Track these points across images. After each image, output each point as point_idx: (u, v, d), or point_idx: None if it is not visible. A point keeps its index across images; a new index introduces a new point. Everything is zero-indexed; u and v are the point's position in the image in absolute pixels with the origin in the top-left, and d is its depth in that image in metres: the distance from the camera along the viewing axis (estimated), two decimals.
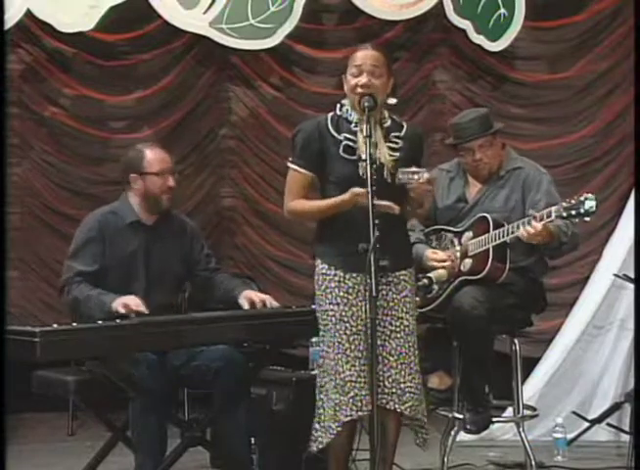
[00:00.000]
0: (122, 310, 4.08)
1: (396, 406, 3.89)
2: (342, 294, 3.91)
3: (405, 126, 4.03)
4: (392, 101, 3.96)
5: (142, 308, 4.13)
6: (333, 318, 3.90)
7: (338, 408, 3.86)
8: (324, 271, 3.96)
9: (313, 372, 4.70)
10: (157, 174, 4.42)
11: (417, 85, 6.59)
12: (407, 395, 3.91)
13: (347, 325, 3.88)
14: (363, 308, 3.83)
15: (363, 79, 3.87)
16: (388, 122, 3.99)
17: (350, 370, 3.86)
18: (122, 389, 4.16)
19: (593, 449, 5.28)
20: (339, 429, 3.87)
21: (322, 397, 3.93)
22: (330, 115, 3.99)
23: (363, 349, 3.85)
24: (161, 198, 4.43)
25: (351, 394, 3.85)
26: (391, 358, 3.90)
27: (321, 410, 3.92)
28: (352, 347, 3.87)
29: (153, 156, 4.45)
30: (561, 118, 6.62)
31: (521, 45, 6.55)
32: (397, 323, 3.92)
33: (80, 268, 4.31)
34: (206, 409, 4.60)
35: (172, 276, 4.49)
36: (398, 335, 3.91)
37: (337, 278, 3.92)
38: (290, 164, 4.04)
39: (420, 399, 3.96)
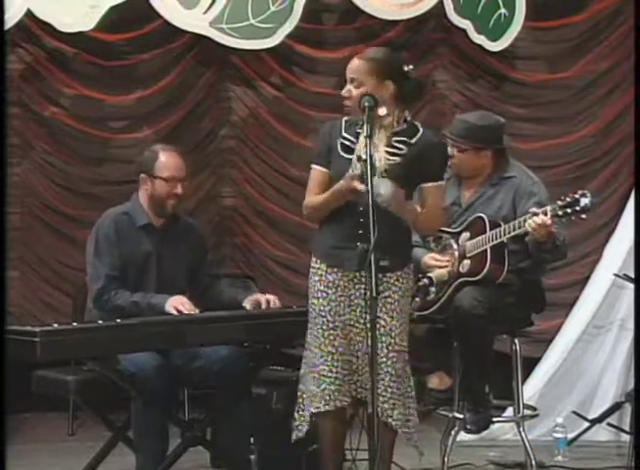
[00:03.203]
0: (176, 313, 4.19)
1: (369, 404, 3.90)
2: (322, 288, 3.96)
3: (420, 133, 3.98)
4: (382, 111, 3.92)
5: (193, 311, 4.21)
6: (313, 312, 3.97)
7: (313, 399, 3.93)
8: (312, 264, 4.03)
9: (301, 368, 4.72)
10: (165, 180, 4.41)
11: None
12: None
13: (324, 320, 3.93)
14: (342, 304, 3.92)
15: (344, 90, 3.95)
16: (402, 127, 3.96)
17: (323, 364, 3.91)
18: (123, 389, 4.16)
19: (593, 449, 5.28)
20: (312, 419, 3.94)
21: (301, 387, 4.00)
22: (346, 117, 4.02)
23: (339, 344, 3.91)
24: (166, 203, 4.44)
25: (322, 387, 3.91)
26: (366, 357, 3.89)
27: (300, 400, 3.99)
28: (327, 342, 3.92)
29: (166, 160, 4.44)
30: (561, 118, 6.62)
31: (521, 45, 6.54)
32: None
33: (110, 272, 4.33)
34: (206, 409, 4.61)
35: (180, 279, 4.50)
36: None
37: (320, 272, 3.98)
38: (311, 165, 4.09)
39: (391, 401, 3.92)
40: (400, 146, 3.93)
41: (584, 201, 4.19)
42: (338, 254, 3.89)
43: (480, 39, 6.41)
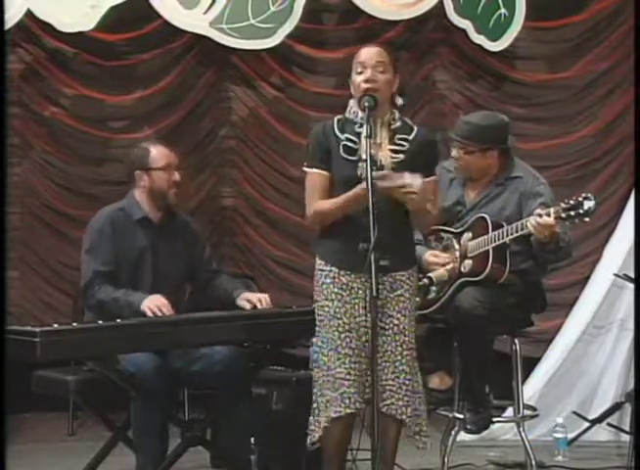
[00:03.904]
0: (150, 314, 4.16)
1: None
2: (336, 290, 3.93)
3: (416, 130, 4.00)
4: (400, 101, 3.95)
5: (168, 312, 4.19)
6: (327, 315, 3.94)
7: (329, 404, 3.89)
8: (321, 267, 3.99)
9: (313, 372, 4.71)
10: (162, 169, 4.49)
11: (417, 85, 6.58)
12: (387, 393, 3.90)
13: (340, 322, 3.91)
14: (357, 306, 3.90)
15: (367, 74, 3.87)
16: (398, 124, 3.97)
17: (340, 367, 3.89)
18: (123, 389, 4.16)
19: (593, 449, 5.28)
20: (326, 425, 3.90)
21: (316, 391, 3.96)
22: (338, 117, 4.01)
23: (355, 346, 3.89)
24: (168, 193, 4.50)
25: (341, 390, 3.88)
26: (377, 355, 3.89)
27: (315, 405, 3.95)
28: (343, 344, 3.90)
29: (157, 152, 4.52)
30: (561, 118, 6.62)
31: (521, 45, 6.54)
32: (387, 321, 3.92)
33: (99, 268, 4.34)
34: (206, 409, 4.61)
35: (176, 275, 4.52)
36: (386, 333, 3.91)
37: (332, 274, 3.94)
38: (305, 169, 4.04)
39: (405, 399, 3.93)
40: (402, 143, 3.95)
41: (588, 204, 4.18)
42: (347, 256, 3.83)
43: (479, 39, 6.41)
